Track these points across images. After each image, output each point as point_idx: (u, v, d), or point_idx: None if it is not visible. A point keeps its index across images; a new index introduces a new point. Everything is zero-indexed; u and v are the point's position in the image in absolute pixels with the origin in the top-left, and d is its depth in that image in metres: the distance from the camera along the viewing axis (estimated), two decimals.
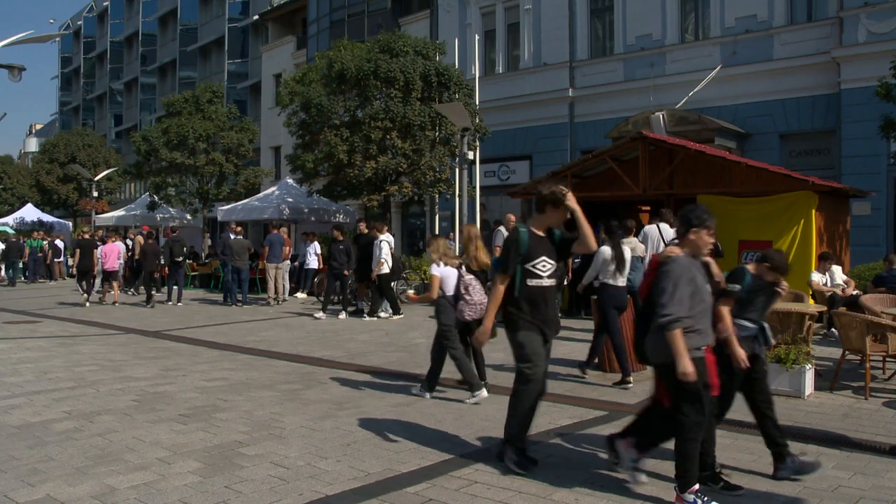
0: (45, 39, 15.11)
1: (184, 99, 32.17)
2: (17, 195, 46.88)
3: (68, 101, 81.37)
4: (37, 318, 16.41)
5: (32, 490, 5.18)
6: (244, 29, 47.19)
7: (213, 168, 30.48)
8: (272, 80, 39.68)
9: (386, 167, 19.91)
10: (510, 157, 25.60)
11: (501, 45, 26.80)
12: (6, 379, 9.26)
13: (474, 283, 8.00)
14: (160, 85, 58.38)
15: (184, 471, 5.58)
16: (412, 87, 19.75)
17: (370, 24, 31.28)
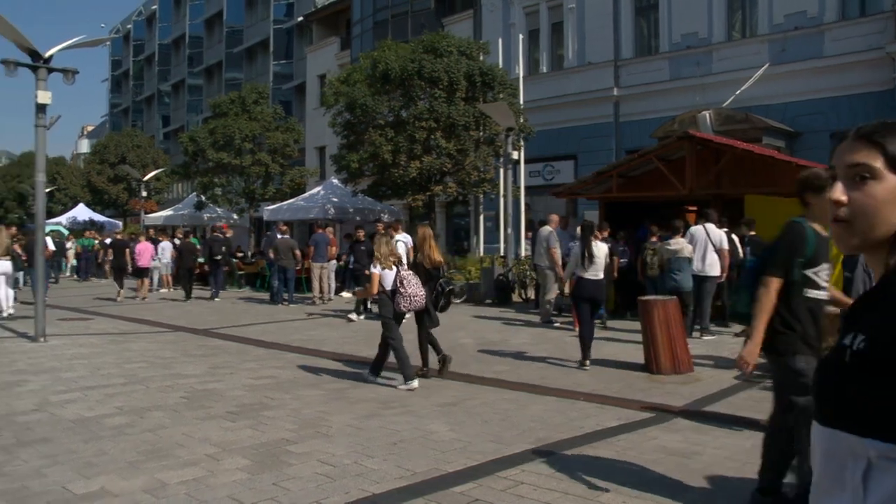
0: (97, 43, 15.39)
1: (230, 100, 32.59)
2: (70, 195, 47.87)
3: (118, 103, 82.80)
4: (89, 315, 16.74)
5: (88, 482, 5.29)
6: (289, 30, 47.60)
7: (259, 168, 30.83)
8: (317, 80, 39.96)
9: (430, 167, 19.96)
10: (555, 156, 25.49)
11: (545, 44, 26.71)
12: (62, 374, 9.48)
13: (409, 278, 8.84)
14: (207, 86, 59.15)
15: (232, 467, 5.65)
16: (456, 86, 19.78)
17: (414, 25, 31.35)
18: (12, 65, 12.34)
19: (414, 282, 8.88)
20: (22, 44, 12.22)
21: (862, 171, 1.46)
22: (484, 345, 12.00)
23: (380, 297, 8.95)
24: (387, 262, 8.94)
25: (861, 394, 1.35)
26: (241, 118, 31.06)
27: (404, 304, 8.80)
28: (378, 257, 8.97)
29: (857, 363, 1.36)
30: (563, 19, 25.92)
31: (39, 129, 12.65)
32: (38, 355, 11.02)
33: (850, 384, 1.37)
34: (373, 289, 8.93)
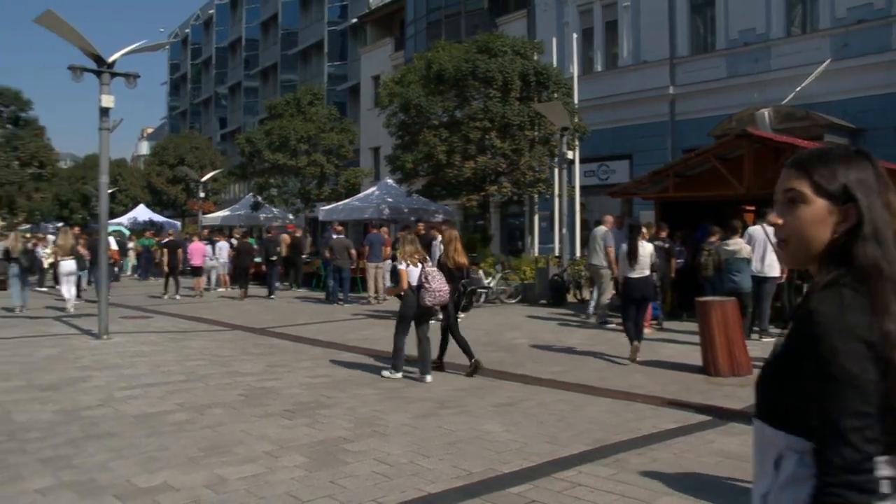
0: (158, 48, 15.68)
1: (285, 101, 32.97)
2: (131, 196, 48.85)
3: (176, 106, 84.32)
4: (149, 313, 17.08)
5: (151, 476, 5.42)
6: (343, 32, 47.97)
7: (314, 169, 31.12)
8: (371, 81, 40.21)
9: (485, 167, 19.96)
10: (610, 156, 25.29)
11: (600, 43, 26.52)
12: (124, 371, 9.71)
13: (434, 274, 9.25)
14: (262, 88, 59.91)
15: (290, 464, 5.72)
16: (511, 86, 19.74)
17: (467, 25, 31.37)
18: (79, 70, 12.67)
19: (438, 277, 9.27)
20: (87, 50, 12.53)
21: (792, 195, 1.65)
22: (539, 345, 11.96)
23: (406, 293, 9.28)
24: (411, 259, 9.31)
25: (773, 392, 1.61)
26: (297, 119, 31.39)
27: (429, 299, 9.15)
28: (402, 255, 9.38)
29: (776, 365, 1.62)
30: (618, 17, 25.71)
31: (103, 132, 12.96)
32: (101, 352, 11.30)
33: (769, 382, 1.63)
34: (402, 285, 9.27)
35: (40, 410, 7.46)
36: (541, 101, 19.89)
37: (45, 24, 11.91)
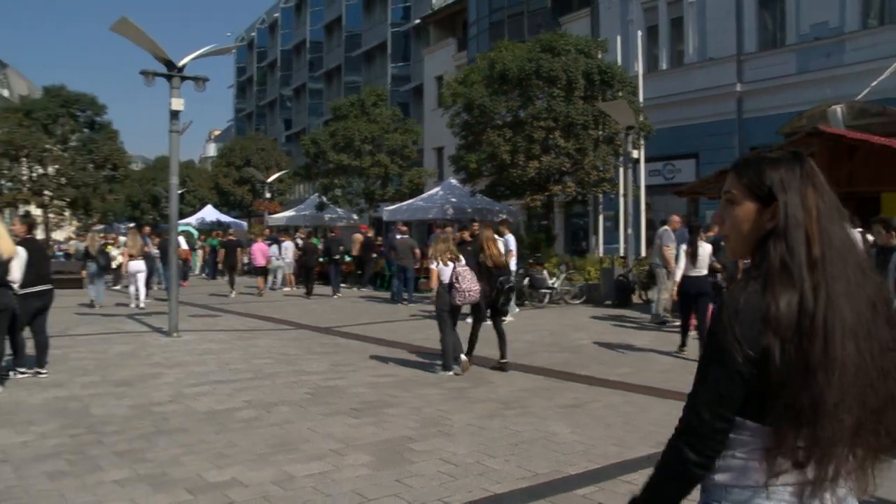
0: (226, 52, 16.00)
1: (350, 103, 33.31)
2: (198, 197, 49.79)
3: (243, 108, 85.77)
4: (217, 312, 17.42)
5: (220, 472, 5.52)
6: (406, 33, 48.23)
7: (378, 169, 31.38)
8: (434, 82, 40.34)
9: (549, 167, 19.87)
10: (675, 155, 24.93)
11: (665, 40, 26.17)
12: (193, 368, 9.91)
13: (465, 274, 9.47)
14: (327, 90, 60.57)
15: (356, 463, 5.77)
16: (575, 85, 19.62)
17: (530, 24, 31.27)
18: (150, 75, 12.99)
19: (469, 277, 9.49)
20: (159, 55, 12.84)
21: (729, 197, 1.86)
22: (604, 346, 11.87)
23: (438, 291, 9.60)
24: (443, 258, 9.54)
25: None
26: (361, 120, 31.70)
27: (458, 298, 9.45)
28: (434, 254, 9.67)
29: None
30: (683, 14, 25.34)
31: (173, 135, 13.26)
32: (171, 350, 11.56)
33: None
34: (432, 282, 9.67)
35: (115, 405, 7.68)
36: (605, 100, 19.72)
37: (120, 32, 12.24)
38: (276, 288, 24.45)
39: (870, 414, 1.67)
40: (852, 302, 1.67)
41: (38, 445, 6.21)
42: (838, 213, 1.77)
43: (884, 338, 1.70)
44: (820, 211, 1.74)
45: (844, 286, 1.68)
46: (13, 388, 8.51)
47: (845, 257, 1.71)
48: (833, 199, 1.78)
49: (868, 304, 1.70)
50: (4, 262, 8.31)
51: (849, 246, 1.73)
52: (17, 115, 35.21)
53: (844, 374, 1.63)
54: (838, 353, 1.62)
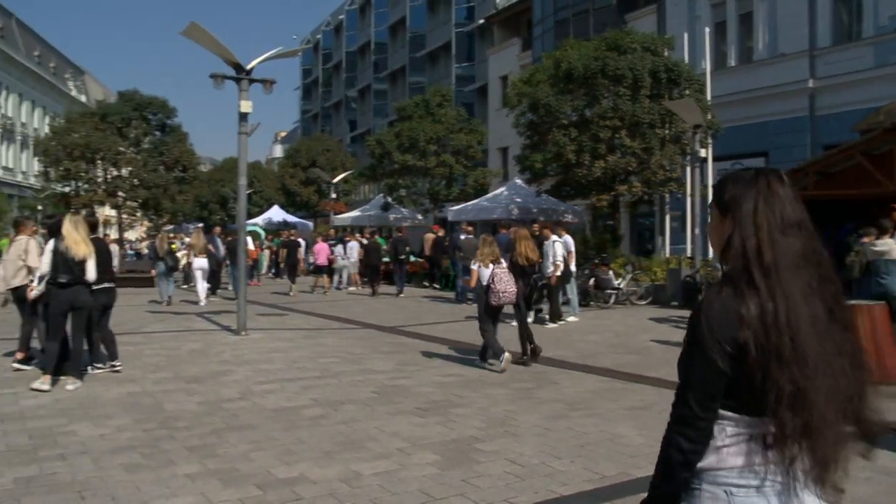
0: (293, 54, 16.22)
1: (414, 103, 33.46)
2: (265, 197, 50.57)
3: (308, 110, 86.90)
4: (284, 311, 17.66)
5: (289, 468, 5.60)
6: (470, 33, 48.26)
7: (443, 169, 31.45)
8: (498, 81, 40.28)
9: (615, 166, 19.67)
10: (744, 154, 24.38)
11: (733, 36, 25.67)
12: (262, 366, 10.06)
13: (501, 275, 9.80)
14: (391, 91, 60.98)
15: (422, 462, 5.79)
16: (641, 84, 19.39)
17: (595, 22, 31.01)
18: (220, 78, 13.23)
19: (505, 279, 9.82)
20: (228, 58, 13.07)
21: (710, 208, 2.15)
22: (672, 348, 11.69)
23: (476, 291, 10.21)
24: (485, 260, 9.95)
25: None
26: (426, 121, 31.81)
27: (493, 299, 9.80)
28: (479, 256, 10.08)
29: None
30: (753, 9, 24.82)
31: (242, 137, 13.48)
32: (240, 348, 11.76)
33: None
34: (472, 282, 10.20)
35: (186, 401, 7.84)
36: (672, 99, 19.44)
37: (190, 37, 12.50)
38: (341, 287, 24.70)
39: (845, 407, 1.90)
40: (809, 304, 1.88)
41: (115, 438, 6.39)
42: (794, 226, 1.96)
43: (837, 340, 1.91)
44: (770, 223, 1.95)
45: (801, 290, 1.89)
46: (90, 383, 8.75)
47: (798, 265, 1.92)
48: (789, 214, 1.97)
49: (824, 308, 1.91)
50: (81, 263, 8.55)
51: (803, 255, 1.93)
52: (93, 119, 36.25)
53: (815, 367, 1.84)
54: (803, 349, 1.84)
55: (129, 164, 36.28)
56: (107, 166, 35.77)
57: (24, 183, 59.00)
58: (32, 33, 65.78)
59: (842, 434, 1.89)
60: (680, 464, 1.95)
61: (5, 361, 10.20)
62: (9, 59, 58.17)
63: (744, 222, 1.98)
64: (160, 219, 40.73)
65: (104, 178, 35.90)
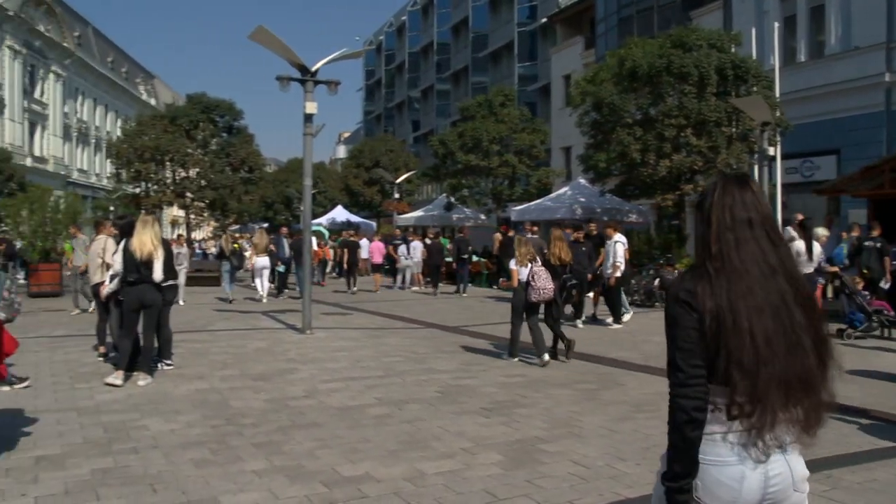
0: (357, 56, 16.34)
1: (477, 103, 33.46)
2: (329, 198, 51.04)
3: (371, 110, 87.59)
4: (348, 310, 17.82)
5: (354, 466, 5.65)
6: (532, 32, 48.09)
7: (506, 169, 31.41)
8: (561, 81, 40.03)
9: (680, 165, 19.40)
10: (815, 151, 23.79)
11: (803, 30, 25.02)
12: (327, 365, 10.17)
13: (540, 273, 10.26)
14: (454, 91, 61.09)
15: (487, 462, 5.78)
16: (707, 81, 19.06)
17: (660, 20, 30.58)
18: (285, 80, 13.41)
19: (544, 277, 10.28)
20: (293, 60, 13.24)
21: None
22: None
23: (514, 289, 10.54)
24: (523, 260, 10.37)
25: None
26: (489, 121, 31.79)
27: (534, 296, 10.20)
28: (517, 256, 10.44)
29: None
30: (825, 2, 24.15)
31: (307, 138, 13.65)
32: (305, 346, 11.90)
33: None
34: (513, 281, 10.55)
35: (253, 398, 7.97)
36: (739, 96, 19.06)
37: (257, 40, 12.70)
38: (404, 287, 24.84)
39: (796, 378, 2.18)
40: (763, 290, 2.22)
41: (184, 434, 6.53)
42: (743, 223, 2.30)
43: (797, 320, 2.22)
44: (721, 223, 2.32)
45: (747, 278, 2.23)
46: (160, 380, 8.96)
47: (745, 259, 2.26)
48: (739, 213, 2.31)
49: (777, 293, 2.22)
50: (149, 262, 8.76)
51: (754, 249, 2.27)
52: (162, 121, 37.03)
53: (755, 342, 2.16)
54: (745, 325, 2.17)
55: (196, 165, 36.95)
56: (175, 168, 36.50)
57: (98, 184, 60.75)
58: (106, 40, 67.76)
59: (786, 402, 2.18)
60: (687, 423, 2.18)
61: (82, 357, 10.53)
62: (85, 65, 59.99)
63: (701, 221, 2.40)
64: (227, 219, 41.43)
65: (173, 179, 36.64)
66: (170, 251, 9.82)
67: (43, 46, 52.42)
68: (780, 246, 2.31)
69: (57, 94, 55.20)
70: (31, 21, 50.13)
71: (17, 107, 48.69)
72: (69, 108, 58.06)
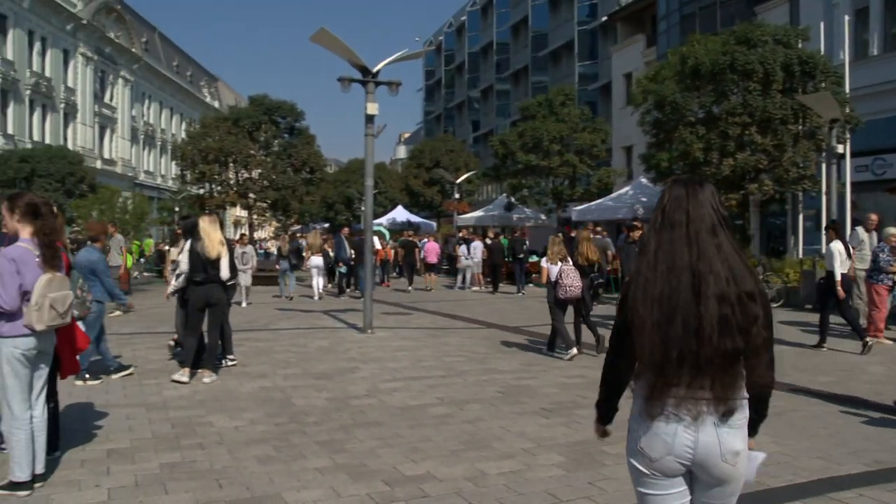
0: (417, 56, 16.42)
1: (537, 103, 33.32)
2: (389, 198, 51.35)
3: (431, 111, 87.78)
4: (408, 310, 17.91)
5: (415, 466, 5.68)
6: (593, 31, 47.71)
7: (566, 169, 31.21)
8: (622, 79, 39.65)
9: (745, 164, 19.06)
10: (887, 149, 23.07)
11: (876, 22, 24.29)
12: (388, 364, 10.24)
13: (567, 271, 10.76)
14: (514, 91, 60.91)
15: (548, 463, 5.76)
16: (772, 78, 18.69)
17: (723, 16, 30.06)
18: (347, 81, 13.53)
19: (572, 275, 10.75)
20: (355, 62, 13.35)
21: None
22: (805, 352, 11.23)
23: (547, 287, 11.10)
24: (554, 258, 10.80)
25: None
26: (549, 120, 31.64)
27: (561, 293, 10.72)
28: (549, 255, 10.91)
29: None
30: None
31: (368, 138, 13.75)
32: (366, 346, 12.00)
33: None
34: (542, 278, 11.15)
35: (315, 397, 8.06)
36: (806, 93, 18.63)
37: (319, 42, 12.83)
38: (464, 287, 24.87)
39: (690, 358, 2.51)
40: (665, 284, 2.54)
41: (248, 431, 6.64)
42: (669, 226, 2.63)
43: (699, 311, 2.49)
44: (652, 223, 2.70)
45: (654, 273, 2.57)
46: (224, 377, 9.13)
47: (658, 256, 2.60)
48: (670, 215, 2.64)
49: (681, 287, 2.52)
50: (216, 261, 8.93)
51: (667, 248, 2.59)
52: (226, 123, 37.64)
53: (644, 326, 2.55)
54: (640, 312, 2.56)
55: (259, 166, 37.46)
56: (238, 168, 37.08)
57: (163, 185, 62.09)
58: (171, 45, 69.32)
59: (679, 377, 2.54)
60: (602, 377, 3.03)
61: (149, 354, 10.78)
62: (152, 70, 61.49)
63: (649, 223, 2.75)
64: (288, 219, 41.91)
65: (236, 180, 37.22)
66: (231, 250, 10.02)
67: (113, 52, 53.92)
68: (695, 246, 2.56)
69: (125, 99, 56.72)
70: (102, 28, 51.62)
71: (88, 111, 50.21)
72: (136, 111, 59.60)
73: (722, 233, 2.61)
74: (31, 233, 5.03)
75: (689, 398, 2.54)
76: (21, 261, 4.89)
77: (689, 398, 2.54)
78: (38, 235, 5.02)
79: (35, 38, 44.18)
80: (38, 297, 4.87)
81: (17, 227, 5.05)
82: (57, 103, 46.54)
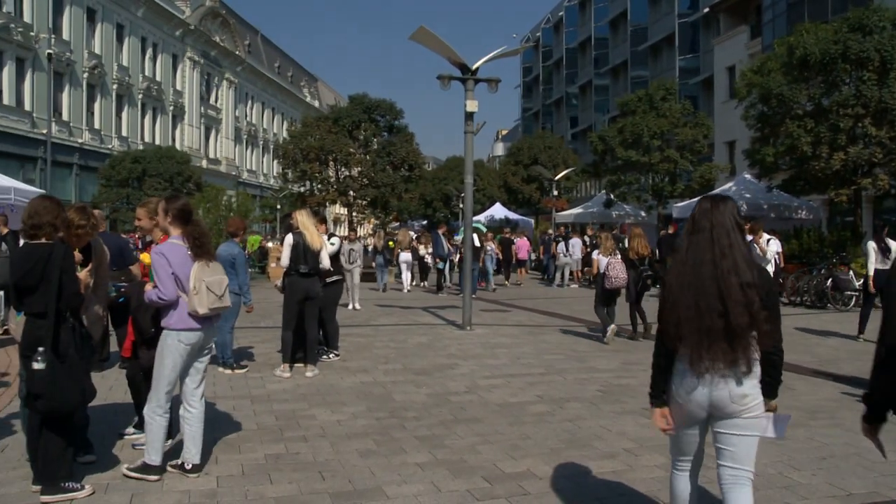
0: (516, 53, 16.38)
1: (637, 98, 32.80)
2: (487, 195, 51.36)
3: (529, 107, 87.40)
4: (507, 307, 17.86)
5: (515, 463, 5.65)
6: (694, 23, 46.66)
7: (667, 165, 30.64)
8: (725, 72, 38.70)
9: (857, 158, 18.32)
10: None
11: None
12: (486, 361, 10.23)
13: (615, 264, 11.79)
14: (613, 86, 60.09)
15: (650, 464, 5.65)
16: (890, 66, 17.88)
17: (834, 3, 28.95)
18: (447, 79, 13.57)
19: (617, 267, 11.76)
20: (454, 59, 13.38)
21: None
22: None
23: (596, 278, 12.26)
24: (606, 252, 11.92)
25: None
26: (649, 115, 31.11)
27: (607, 283, 11.78)
28: (602, 249, 12.07)
29: None
30: None
31: (468, 136, 13.76)
32: (465, 342, 12.01)
33: None
34: (593, 269, 12.38)
35: (415, 392, 8.12)
36: None
37: (419, 40, 12.92)
38: (562, 285, 24.67)
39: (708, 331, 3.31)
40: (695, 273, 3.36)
41: (350, 425, 6.73)
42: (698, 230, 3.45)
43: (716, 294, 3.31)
44: (687, 228, 3.53)
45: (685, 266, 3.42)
46: (325, 371, 9.28)
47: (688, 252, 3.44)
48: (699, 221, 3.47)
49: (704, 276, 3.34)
50: (318, 254, 9.08)
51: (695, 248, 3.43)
52: (326, 122, 38.40)
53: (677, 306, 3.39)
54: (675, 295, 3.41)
55: (359, 164, 38.08)
56: (338, 167, 37.77)
57: (265, 184, 63.77)
58: (273, 46, 71.12)
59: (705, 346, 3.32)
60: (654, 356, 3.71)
61: (257, 347, 11.05)
62: (254, 71, 63.26)
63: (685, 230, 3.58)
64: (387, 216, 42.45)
65: (336, 178, 37.90)
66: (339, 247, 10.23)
67: (218, 56, 55.76)
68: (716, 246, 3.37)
69: (229, 100, 58.55)
70: (208, 33, 53.45)
71: (194, 113, 52.10)
72: (240, 112, 61.45)
73: (735, 236, 3.39)
74: (180, 234, 5.31)
75: (709, 359, 3.32)
76: (171, 253, 5.17)
77: (710, 359, 3.32)
78: (189, 238, 5.29)
79: (147, 45, 46.26)
80: (195, 282, 5.14)
81: (169, 227, 5.34)
82: (166, 106, 48.50)
